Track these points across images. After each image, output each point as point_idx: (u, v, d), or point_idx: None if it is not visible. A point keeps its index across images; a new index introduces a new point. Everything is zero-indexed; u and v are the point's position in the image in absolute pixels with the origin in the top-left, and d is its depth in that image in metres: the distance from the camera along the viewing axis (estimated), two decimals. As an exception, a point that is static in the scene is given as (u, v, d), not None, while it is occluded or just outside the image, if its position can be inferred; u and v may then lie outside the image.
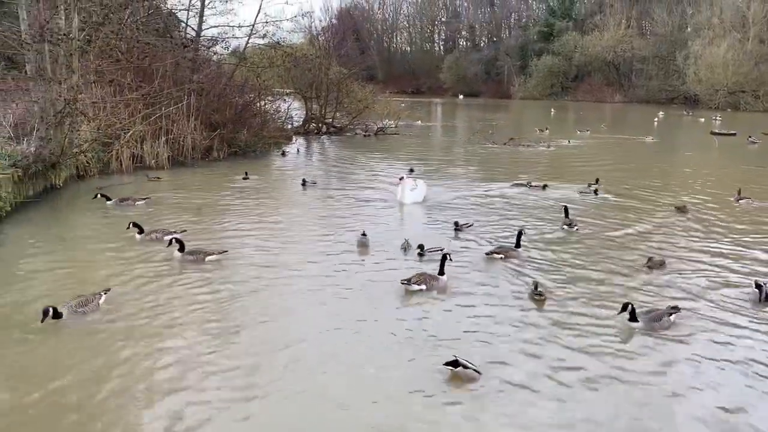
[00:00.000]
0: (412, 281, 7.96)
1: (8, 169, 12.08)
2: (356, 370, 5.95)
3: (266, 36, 23.93)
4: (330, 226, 11.52)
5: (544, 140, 28.08)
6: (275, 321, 7.11)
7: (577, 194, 14.92)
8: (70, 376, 5.70)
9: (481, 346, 6.45)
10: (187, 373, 5.78)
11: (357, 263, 9.22)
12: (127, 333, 6.65)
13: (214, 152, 19.94)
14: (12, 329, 6.65)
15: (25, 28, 14.26)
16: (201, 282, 8.26)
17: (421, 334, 6.75)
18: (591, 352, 6.37)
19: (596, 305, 7.63)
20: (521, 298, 7.84)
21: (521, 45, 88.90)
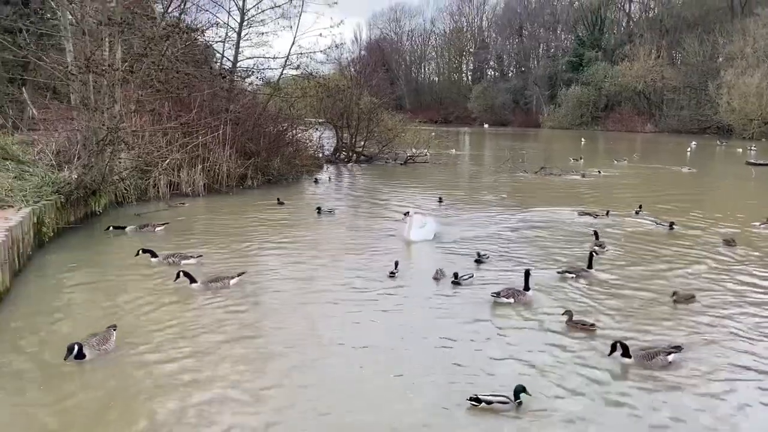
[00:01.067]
0: (501, 294, 8.56)
1: (52, 196, 12.38)
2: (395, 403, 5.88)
3: (299, 67, 24.38)
4: (358, 253, 11.53)
5: (577, 169, 27.88)
6: (304, 352, 7.08)
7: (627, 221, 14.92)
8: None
9: (516, 376, 6.34)
10: (223, 407, 5.77)
11: (389, 292, 9.16)
12: (149, 368, 6.56)
13: (249, 180, 20.22)
14: (42, 366, 6.70)
15: (71, 59, 14.74)
16: (219, 308, 8.30)
17: (459, 363, 6.67)
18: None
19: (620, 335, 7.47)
20: (554, 329, 7.71)
21: (550, 75, 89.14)
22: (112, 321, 7.65)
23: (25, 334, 7.25)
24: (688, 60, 72.93)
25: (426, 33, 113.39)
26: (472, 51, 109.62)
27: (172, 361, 6.60)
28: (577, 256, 11.39)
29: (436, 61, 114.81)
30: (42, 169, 14.24)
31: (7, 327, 7.43)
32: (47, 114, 18.01)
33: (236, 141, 19.98)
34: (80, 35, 15.06)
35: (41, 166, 14.58)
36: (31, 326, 7.49)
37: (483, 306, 8.54)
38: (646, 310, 8.47)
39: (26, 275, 9.63)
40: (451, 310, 8.40)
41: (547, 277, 9.98)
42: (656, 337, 7.51)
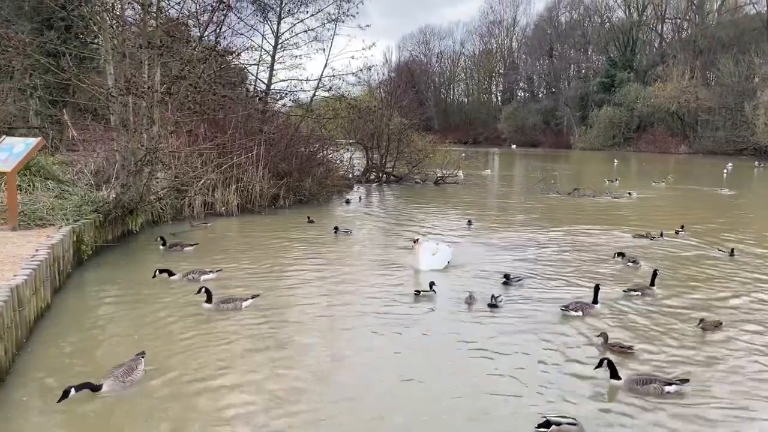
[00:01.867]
0: (570, 307, 8.94)
1: (91, 215, 12.64)
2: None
3: (332, 89, 24.65)
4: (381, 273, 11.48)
5: (612, 191, 27.49)
6: (336, 379, 7.03)
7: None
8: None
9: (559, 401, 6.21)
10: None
11: (419, 315, 9.09)
12: (178, 397, 6.48)
13: (281, 200, 20.41)
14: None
15: (112, 82, 15.13)
16: (253, 327, 8.31)
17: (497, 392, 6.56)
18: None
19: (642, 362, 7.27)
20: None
21: (581, 95, 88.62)
22: (146, 339, 7.73)
23: (64, 351, 7.34)
24: (723, 80, 71.79)
25: (455, 54, 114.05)
26: (501, 72, 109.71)
27: (203, 380, 6.61)
28: (614, 276, 11.20)
29: (466, 83, 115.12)
30: (81, 189, 14.58)
31: (48, 343, 7.53)
32: (86, 135, 18.47)
33: (269, 161, 20.22)
34: (121, 58, 15.47)
35: (81, 186, 14.93)
36: (70, 343, 7.59)
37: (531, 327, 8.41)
38: (690, 337, 8.24)
39: (66, 292, 9.80)
40: (489, 334, 8.28)
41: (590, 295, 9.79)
42: (688, 365, 7.29)
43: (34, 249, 9.34)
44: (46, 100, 21.84)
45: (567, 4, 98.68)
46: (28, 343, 7.41)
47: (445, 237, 15.40)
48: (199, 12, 19.74)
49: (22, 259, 8.69)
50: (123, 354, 7.17)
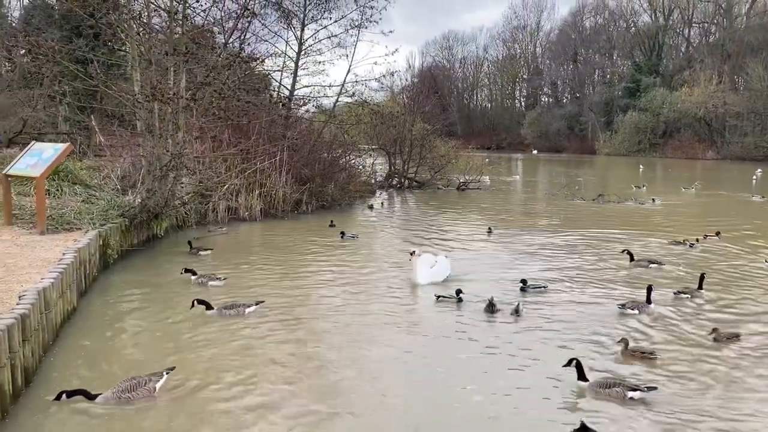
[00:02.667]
0: (627, 306, 9.39)
1: (117, 219, 12.81)
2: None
3: (354, 94, 24.71)
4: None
5: (637, 197, 27.09)
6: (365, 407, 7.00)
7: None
8: None
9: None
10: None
11: (440, 322, 9.03)
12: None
13: (303, 205, 20.49)
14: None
15: (138, 88, 15.36)
16: (276, 333, 8.32)
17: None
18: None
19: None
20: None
21: (606, 101, 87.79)
22: (170, 344, 7.79)
23: (89, 354, 7.42)
24: (752, 85, 70.51)
25: (478, 60, 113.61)
26: (525, 77, 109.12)
27: (227, 388, 6.64)
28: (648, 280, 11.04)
29: (489, 88, 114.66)
30: (108, 194, 14.84)
31: (73, 345, 7.63)
32: (113, 140, 18.77)
33: (292, 167, 20.32)
34: (147, 65, 15.71)
35: (107, 191, 15.19)
36: (94, 346, 7.68)
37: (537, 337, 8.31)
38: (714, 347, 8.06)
39: (92, 295, 9.94)
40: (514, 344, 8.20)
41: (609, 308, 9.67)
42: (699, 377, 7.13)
43: (61, 252, 9.48)
44: (75, 107, 22.29)
45: (592, 9, 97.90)
46: (54, 345, 7.51)
47: (465, 245, 15.38)
48: (224, 19, 20.01)
49: (50, 263, 8.83)
50: (146, 359, 7.25)
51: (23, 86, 23.28)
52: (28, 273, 8.27)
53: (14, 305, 6.62)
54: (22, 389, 6.17)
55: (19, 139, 20.69)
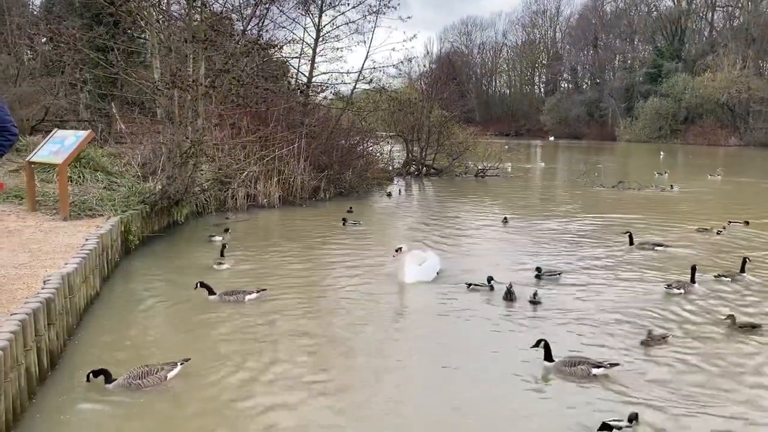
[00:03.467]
0: (673, 286, 9.64)
1: (138, 206, 12.96)
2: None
3: (372, 81, 24.61)
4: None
5: (659, 184, 26.74)
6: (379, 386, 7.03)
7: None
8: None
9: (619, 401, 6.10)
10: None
11: (457, 310, 9.04)
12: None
13: (321, 192, 20.54)
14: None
15: (158, 76, 15.45)
16: (293, 320, 8.39)
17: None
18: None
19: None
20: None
21: (626, 86, 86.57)
22: (190, 327, 7.90)
23: (112, 338, 7.55)
24: (778, 70, 69.19)
25: (497, 45, 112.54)
26: (544, 63, 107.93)
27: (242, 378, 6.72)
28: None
29: (508, 74, 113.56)
30: (129, 180, 14.99)
31: (97, 330, 7.76)
32: (134, 128, 18.93)
33: (310, 154, 20.36)
34: (167, 52, 15.78)
35: (128, 177, 15.35)
36: (117, 331, 7.81)
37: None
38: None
39: (114, 281, 10.09)
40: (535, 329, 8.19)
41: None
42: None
43: (84, 238, 9.63)
44: (96, 94, 22.50)
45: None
46: (78, 329, 7.65)
47: (481, 233, 15.27)
48: (242, 6, 20.02)
49: (73, 248, 8.97)
50: (166, 344, 7.35)
51: (45, 74, 23.53)
52: (52, 258, 8.41)
53: (39, 290, 6.74)
54: (48, 372, 6.31)
55: (42, 127, 20.95)
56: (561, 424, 5.61)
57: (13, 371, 5.28)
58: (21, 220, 10.98)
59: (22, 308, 5.99)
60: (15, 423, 5.28)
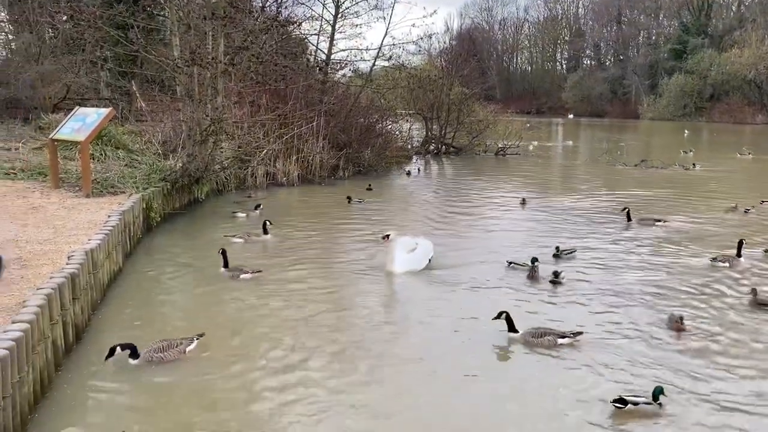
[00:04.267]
0: (718, 259, 9.93)
1: (159, 183, 13.08)
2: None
3: (391, 58, 24.43)
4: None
5: (685, 162, 26.26)
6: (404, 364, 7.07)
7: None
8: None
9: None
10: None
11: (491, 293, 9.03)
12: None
13: (340, 171, 20.54)
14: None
15: (178, 53, 15.47)
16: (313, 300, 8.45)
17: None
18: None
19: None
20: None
21: (651, 63, 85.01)
22: (209, 303, 8.01)
23: (134, 313, 7.68)
24: (808, 45, 67.37)
25: (519, 21, 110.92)
26: (567, 39, 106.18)
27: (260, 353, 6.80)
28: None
29: (529, 50, 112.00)
30: (150, 158, 15.10)
31: (120, 304, 7.90)
32: (154, 106, 19.02)
33: (329, 132, 20.33)
34: (186, 30, 15.77)
35: (149, 155, 15.45)
36: (139, 306, 7.94)
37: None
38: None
39: (136, 257, 10.22)
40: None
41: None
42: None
43: (106, 215, 9.75)
44: (116, 72, 22.59)
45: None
46: (101, 304, 7.78)
47: (497, 215, 15.06)
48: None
49: (96, 225, 9.10)
50: (186, 319, 7.46)
51: (66, 52, 23.63)
52: (76, 234, 8.54)
53: (64, 265, 6.86)
54: (73, 345, 6.44)
55: (63, 105, 21.10)
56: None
57: (41, 344, 5.40)
58: (45, 197, 11.14)
59: (48, 283, 6.11)
60: (43, 393, 5.42)
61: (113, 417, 5.19)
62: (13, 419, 4.67)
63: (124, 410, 5.34)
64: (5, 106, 22.22)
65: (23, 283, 6.35)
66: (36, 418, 5.11)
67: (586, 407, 5.50)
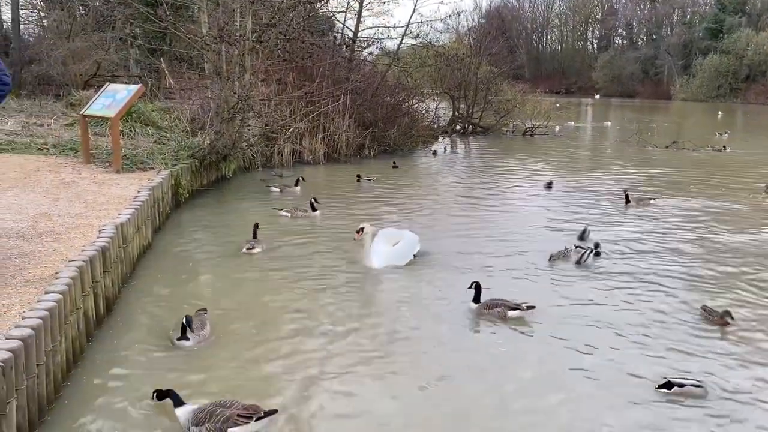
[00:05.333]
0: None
1: (187, 160, 13.22)
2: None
3: (419, 36, 24.21)
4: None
5: (718, 145, 25.66)
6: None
7: None
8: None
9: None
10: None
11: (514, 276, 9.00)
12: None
13: (366, 150, 20.51)
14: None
15: (206, 30, 15.53)
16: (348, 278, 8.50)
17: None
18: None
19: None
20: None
21: (685, 43, 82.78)
22: (235, 278, 8.12)
23: (163, 287, 7.82)
24: None
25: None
26: (598, 18, 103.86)
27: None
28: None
29: (560, 29, 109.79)
30: (178, 135, 15.27)
31: (149, 279, 8.05)
32: (182, 83, 19.17)
33: (355, 111, 20.27)
34: (214, 7, 15.82)
35: (177, 132, 15.62)
36: (168, 280, 8.08)
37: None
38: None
39: (165, 232, 10.38)
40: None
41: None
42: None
43: (136, 191, 9.91)
44: (145, 49, 22.78)
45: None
46: (131, 278, 7.94)
47: (521, 198, 14.68)
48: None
49: (126, 200, 9.25)
50: (214, 293, 7.58)
51: (96, 29, 23.89)
52: (106, 209, 8.69)
53: (95, 238, 7.00)
54: (104, 316, 6.59)
55: (94, 82, 21.40)
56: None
57: (73, 314, 5.54)
58: (76, 173, 11.34)
59: (80, 256, 6.25)
60: (75, 363, 5.57)
61: (142, 385, 5.31)
62: (47, 386, 4.82)
63: (155, 378, 5.45)
64: (37, 82, 22.64)
65: (56, 256, 6.50)
66: (68, 386, 5.26)
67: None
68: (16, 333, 4.43)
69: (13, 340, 4.32)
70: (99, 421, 4.81)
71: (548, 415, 5.10)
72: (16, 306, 5.15)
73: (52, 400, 4.94)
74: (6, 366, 4.06)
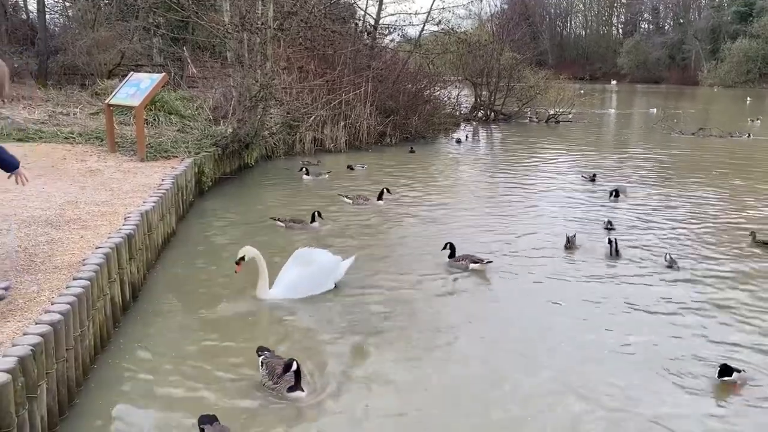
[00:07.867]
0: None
1: (210, 148, 13.32)
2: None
3: (441, 22, 24.03)
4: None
5: (749, 131, 25.11)
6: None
7: None
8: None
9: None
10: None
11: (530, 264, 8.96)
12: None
13: (387, 137, 20.47)
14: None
15: (228, 19, 15.58)
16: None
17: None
18: None
19: None
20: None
21: (713, 27, 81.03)
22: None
23: (187, 275, 7.93)
24: None
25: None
26: (624, 2, 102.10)
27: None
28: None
29: (584, 14, 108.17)
30: (201, 123, 15.39)
31: (174, 266, 8.16)
32: (205, 72, 19.28)
33: (376, 98, 20.21)
34: (237, -6, 15.84)
35: (200, 121, 15.74)
36: (192, 268, 8.19)
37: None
38: None
39: (189, 220, 10.50)
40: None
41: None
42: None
43: (160, 179, 10.03)
44: (168, 38, 22.94)
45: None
46: (156, 264, 8.05)
47: (565, 190, 13.83)
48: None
49: (150, 188, 9.37)
50: (238, 281, 7.63)
51: (120, 19, 24.12)
52: (131, 197, 8.81)
53: (120, 226, 7.11)
54: (130, 303, 6.71)
55: (118, 71, 21.63)
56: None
57: (100, 300, 5.65)
58: (102, 161, 11.50)
59: (106, 242, 6.36)
60: (102, 347, 5.69)
61: (167, 369, 5.41)
62: (75, 370, 4.93)
63: (180, 364, 5.54)
64: (63, 72, 22.96)
65: (83, 243, 6.62)
66: (96, 369, 5.37)
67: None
68: (46, 318, 4.54)
69: (43, 325, 4.42)
70: (126, 404, 4.92)
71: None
72: (45, 292, 5.26)
73: (81, 383, 5.06)
74: (36, 350, 4.16)
